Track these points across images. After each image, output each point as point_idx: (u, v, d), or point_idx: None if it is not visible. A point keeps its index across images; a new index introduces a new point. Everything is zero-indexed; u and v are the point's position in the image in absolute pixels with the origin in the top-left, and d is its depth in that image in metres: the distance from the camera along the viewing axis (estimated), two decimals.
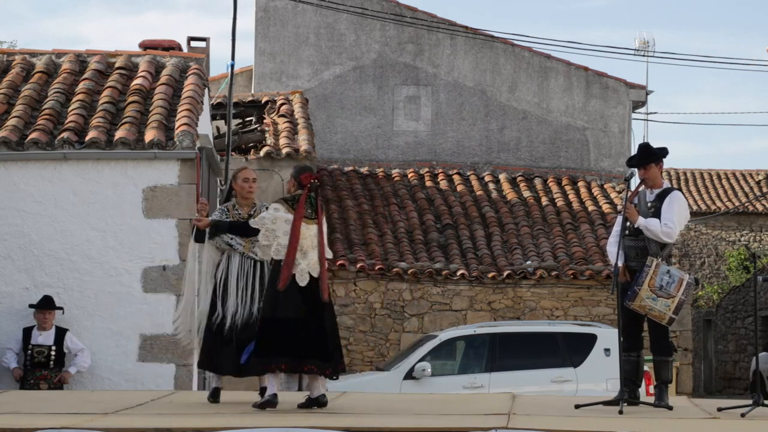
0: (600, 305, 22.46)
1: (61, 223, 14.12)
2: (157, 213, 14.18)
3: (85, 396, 11.91)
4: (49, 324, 13.85)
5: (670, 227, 10.10)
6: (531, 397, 12.24)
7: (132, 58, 16.47)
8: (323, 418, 9.21)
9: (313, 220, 9.97)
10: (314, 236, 9.95)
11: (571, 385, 16.52)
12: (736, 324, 35.06)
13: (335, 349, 9.98)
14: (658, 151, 10.36)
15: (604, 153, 27.26)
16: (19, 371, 13.88)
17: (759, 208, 39.80)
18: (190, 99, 15.11)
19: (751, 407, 9.71)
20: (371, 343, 22.12)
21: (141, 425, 9.02)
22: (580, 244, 23.31)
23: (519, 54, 27.24)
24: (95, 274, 14.10)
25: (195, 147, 14.29)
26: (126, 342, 14.07)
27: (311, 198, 10.03)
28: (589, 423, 9.05)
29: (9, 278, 14.06)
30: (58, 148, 14.17)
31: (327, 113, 26.77)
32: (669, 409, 9.95)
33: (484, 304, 22.39)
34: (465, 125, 27.07)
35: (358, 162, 26.45)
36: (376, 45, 26.98)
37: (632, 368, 10.25)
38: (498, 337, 17.23)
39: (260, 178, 22.07)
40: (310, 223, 9.96)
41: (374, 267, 22.13)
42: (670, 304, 9.90)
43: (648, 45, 34.19)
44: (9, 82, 15.62)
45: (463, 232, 23.69)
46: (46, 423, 8.84)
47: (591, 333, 17.15)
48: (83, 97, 15.20)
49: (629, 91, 27.48)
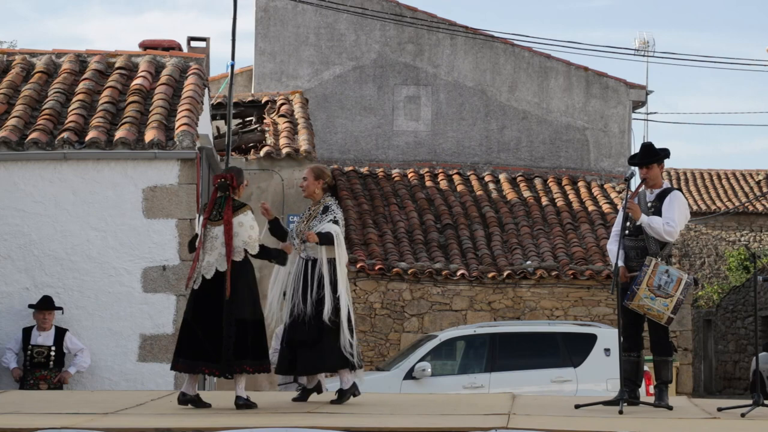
0: (600, 305, 22.46)
1: (61, 223, 14.12)
2: (157, 213, 14.18)
3: (85, 396, 11.90)
4: (49, 324, 13.84)
5: (672, 226, 10.12)
6: (531, 397, 12.23)
7: (132, 58, 16.47)
8: (323, 418, 9.21)
9: (217, 221, 10.17)
10: (220, 236, 10.13)
11: (571, 385, 16.52)
12: (736, 324, 35.05)
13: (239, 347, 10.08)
14: (661, 151, 10.38)
15: (604, 153, 27.26)
16: (19, 371, 13.88)
17: (759, 208, 39.80)
18: (190, 99, 15.11)
19: (751, 407, 9.71)
20: (371, 343, 22.12)
21: (141, 425, 9.02)
22: (580, 244, 23.31)
23: (519, 54, 27.24)
24: (95, 274, 14.10)
25: (195, 147, 14.29)
26: (126, 342, 14.07)
27: (220, 199, 10.24)
28: (589, 423, 9.06)
29: (9, 278, 14.06)
30: (58, 148, 14.16)
31: (327, 113, 26.77)
32: (669, 409, 9.96)
33: (484, 304, 22.39)
34: (465, 125, 27.07)
35: (358, 162, 26.45)
36: (376, 45, 26.98)
37: (632, 368, 10.26)
38: (498, 337, 17.22)
39: (260, 178, 22.15)
40: (215, 224, 10.19)
41: (374, 267, 22.13)
42: (669, 304, 9.91)
43: (648, 45, 34.21)
44: (9, 82, 15.62)
45: (463, 232, 23.69)
46: (46, 423, 8.84)
47: (591, 333, 17.15)
48: (83, 97, 15.20)
49: (629, 91, 27.49)
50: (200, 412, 9.91)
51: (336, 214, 10.57)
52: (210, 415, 9.63)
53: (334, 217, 10.54)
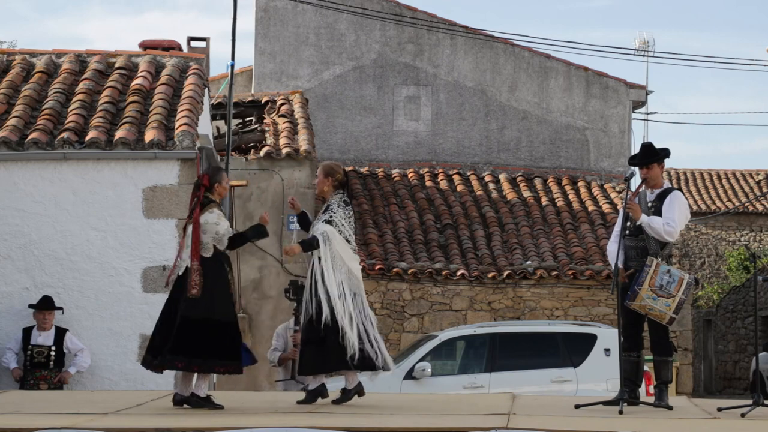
0: (600, 305, 22.46)
1: (61, 223, 14.12)
2: (157, 213, 14.18)
3: (85, 396, 11.90)
4: (49, 324, 13.84)
5: (672, 226, 10.11)
6: (531, 397, 12.23)
7: (132, 58, 16.47)
8: (323, 418, 9.21)
9: (190, 219, 10.42)
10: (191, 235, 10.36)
11: (571, 385, 16.50)
12: (736, 324, 35.05)
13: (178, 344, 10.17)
14: (661, 151, 10.37)
15: (604, 153, 27.26)
16: (19, 371, 13.88)
17: (759, 208, 39.80)
18: (190, 99, 15.10)
19: (751, 407, 9.71)
20: None
21: (141, 425, 9.02)
22: (580, 244, 23.31)
23: (519, 54, 27.23)
24: (95, 274, 14.10)
25: (195, 147, 14.29)
26: (126, 342, 14.07)
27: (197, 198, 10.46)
28: (589, 423, 9.05)
29: (9, 278, 14.06)
30: (58, 148, 14.16)
31: (327, 113, 26.76)
32: (669, 409, 9.95)
33: (484, 304, 22.39)
34: (465, 125, 27.07)
35: (358, 162, 26.45)
36: (376, 45, 26.98)
37: (632, 368, 10.26)
38: (498, 337, 17.20)
39: (260, 178, 22.15)
40: (189, 223, 10.44)
41: (374, 267, 22.13)
42: (671, 304, 9.91)
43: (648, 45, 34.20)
44: (9, 82, 15.62)
45: (463, 232, 23.69)
46: (46, 423, 8.84)
47: (591, 333, 17.14)
48: (83, 97, 15.20)
49: (629, 91, 27.48)
50: (200, 412, 9.90)
51: (333, 213, 10.42)
52: (210, 415, 9.63)
53: (329, 217, 10.41)
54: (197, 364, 10.15)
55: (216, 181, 10.45)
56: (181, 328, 10.16)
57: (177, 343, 10.14)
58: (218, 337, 10.16)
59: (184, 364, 10.18)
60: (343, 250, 10.38)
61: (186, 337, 10.13)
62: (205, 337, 10.14)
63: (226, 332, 10.22)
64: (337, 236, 10.36)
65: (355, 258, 10.49)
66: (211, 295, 10.19)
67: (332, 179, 10.52)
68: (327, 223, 10.37)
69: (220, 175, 10.53)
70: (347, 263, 10.40)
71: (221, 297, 10.24)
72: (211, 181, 10.43)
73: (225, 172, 10.86)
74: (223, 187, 10.49)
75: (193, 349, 10.13)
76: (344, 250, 10.39)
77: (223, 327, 10.21)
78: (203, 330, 10.14)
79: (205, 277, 10.22)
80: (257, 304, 22.01)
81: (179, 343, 10.14)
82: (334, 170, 10.56)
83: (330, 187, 10.53)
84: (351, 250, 10.43)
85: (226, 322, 10.23)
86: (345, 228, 10.43)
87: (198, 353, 10.14)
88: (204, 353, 10.14)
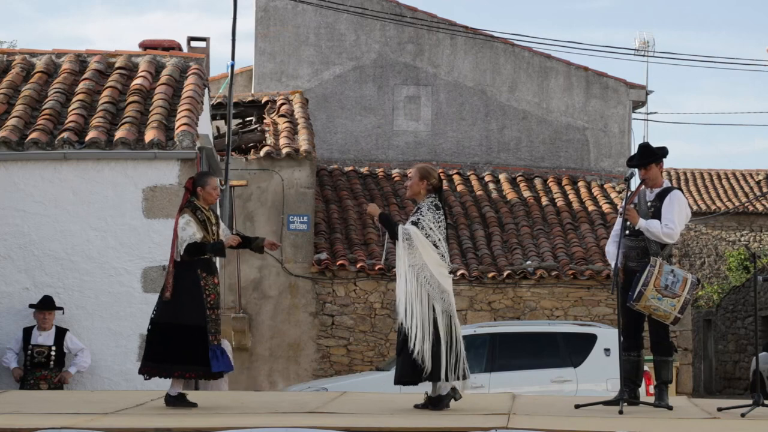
0: (600, 305, 22.46)
1: (61, 223, 14.12)
2: (157, 213, 14.18)
3: (85, 396, 11.91)
4: (49, 324, 13.84)
5: (671, 228, 10.09)
6: (531, 397, 12.23)
7: (132, 58, 16.47)
8: (323, 418, 9.22)
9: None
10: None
11: (571, 385, 16.51)
12: (736, 324, 35.06)
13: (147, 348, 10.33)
14: (659, 150, 10.36)
15: (604, 153, 27.26)
16: (19, 371, 13.88)
17: (759, 208, 39.81)
18: (190, 99, 15.10)
19: (751, 407, 9.71)
20: (371, 343, 22.12)
21: (141, 425, 9.02)
22: (580, 244, 23.31)
23: (519, 54, 27.23)
24: (95, 274, 14.10)
25: (195, 147, 14.29)
26: (126, 342, 14.07)
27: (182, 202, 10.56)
28: (589, 423, 9.06)
29: (9, 278, 14.06)
30: (58, 148, 14.16)
31: (327, 113, 26.77)
32: (669, 409, 9.95)
33: (484, 304, 22.39)
34: (465, 125, 27.07)
35: (358, 162, 26.45)
36: (376, 45, 26.98)
37: (632, 368, 10.25)
38: (498, 337, 17.21)
39: (260, 178, 22.15)
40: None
41: (374, 267, 22.13)
42: (676, 304, 9.89)
43: (648, 45, 34.20)
44: (9, 82, 15.62)
45: (463, 232, 23.69)
46: (46, 423, 8.84)
47: (591, 333, 17.15)
48: (83, 97, 15.20)
49: (629, 91, 27.48)
50: (200, 412, 9.91)
51: (421, 216, 9.97)
52: (210, 415, 9.63)
53: (417, 218, 9.96)
54: (165, 369, 10.26)
55: (199, 185, 10.40)
56: (151, 332, 10.33)
57: (147, 347, 10.36)
58: (184, 341, 10.17)
59: (148, 369, 10.33)
60: (428, 254, 9.92)
61: (154, 342, 10.28)
62: (171, 341, 10.19)
63: (193, 336, 10.20)
64: (421, 238, 9.90)
65: (441, 264, 10.00)
66: (180, 300, 10.20)
67: (427, 182, 10.10)
68: (413, 224, 9.95)
69: (204, 179, 10.45)
70: (430, 268, 9.95)
71: (190, 301, 10.22)
72: (194, 185, 10.41)
73: (214, 177, 10.69)
74: (207, 191, 10.37)
75: (159, 354, 10.24)
76: (428, 254, 9.93)
77: (190, 331, 10.20)
78: (169, 334, 10.21)
79: (176, 280, 10.24)
80: (257, 304, 22.02)
81: (149, 347, 10.33)
82: (429, 173, 10.13)
83: (423, 190, 10.11)
84: (438, 255, 9.96)
85: (193, 327, 10.21)
86: (433, 232, 9.96)
87: (164, 358, 10.23)
88: (169, 358, 10.21)
